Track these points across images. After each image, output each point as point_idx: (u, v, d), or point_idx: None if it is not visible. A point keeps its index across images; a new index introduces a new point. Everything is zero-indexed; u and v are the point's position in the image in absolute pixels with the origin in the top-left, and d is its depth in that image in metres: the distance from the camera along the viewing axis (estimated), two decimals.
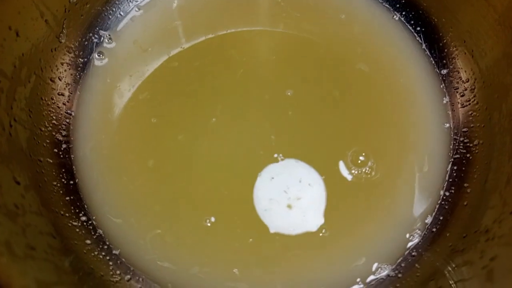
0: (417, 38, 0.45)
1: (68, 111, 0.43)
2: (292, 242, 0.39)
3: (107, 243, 0.39)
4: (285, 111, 0.42)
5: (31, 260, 0.29)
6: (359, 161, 0.41)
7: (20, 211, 0.31)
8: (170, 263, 0.38)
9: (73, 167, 0.41)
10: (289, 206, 0.40)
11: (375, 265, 0.38)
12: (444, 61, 0.43)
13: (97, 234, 0.39)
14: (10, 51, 0.36)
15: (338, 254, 0.39)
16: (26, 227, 0.31)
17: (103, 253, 0.38)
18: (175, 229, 0.39)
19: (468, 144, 0.40)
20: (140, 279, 0.38)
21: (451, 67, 0.43)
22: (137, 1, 0.47)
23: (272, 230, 0.39)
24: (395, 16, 0.46)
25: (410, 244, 0.38)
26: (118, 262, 0.38)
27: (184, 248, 0.39)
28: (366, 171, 0.41)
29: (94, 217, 0.40)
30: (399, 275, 0.37)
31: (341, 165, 0.41)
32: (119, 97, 0.44)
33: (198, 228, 0.39)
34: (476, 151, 0.39)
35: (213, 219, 0.39)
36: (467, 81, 0.42)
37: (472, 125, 0.40)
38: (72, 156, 0.42)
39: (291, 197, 0.40)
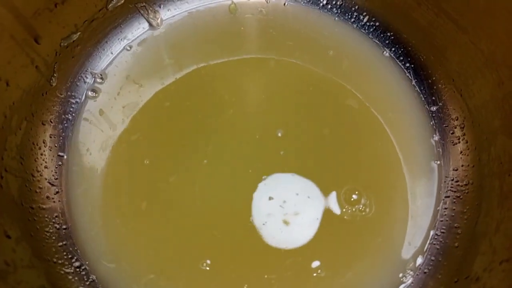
0: (407, 75, 0.45)
1: (60, 154, 0.43)
2: (288, 285, 0.39)
3: None
4: (277, 151, 0.42)
5: None
6: (352, 199, 0.41)
7: (11, 268, 0.31)
8: None
9: (65, 211, 0.41)
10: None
11: None
12: (434, 98, 0.44)
13: (90, 280, 0.39)
14: (0, 101, 0.36)
15: None
16: (17, 286, 0.31)
17: None
18: (169, 274, 0.39)
19: (458, 184, 0.40)
20: None
21: (440, 104, 0.43)
22: (129, 40, 0.48)
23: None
24: (385, 52, 0.46)
25: (402, 286, 0.39)
26: None
27: None
28: (360, 208, 0.41)
29: (87, 263, 0.40)
30: None
31: (335, 203, 0.41)
32: (111, 138, 0.44)
33: (192, 272, 0.39)
34: (467, 191, 0.39)
35: (208, 262, 0.39)
36: (457, 119, 0.42)
37: (462, 164, 0.41)
38: (64, 199, 0.42)
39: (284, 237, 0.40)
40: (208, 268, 0.39)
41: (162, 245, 0.40)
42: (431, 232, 0.40)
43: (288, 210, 0.41)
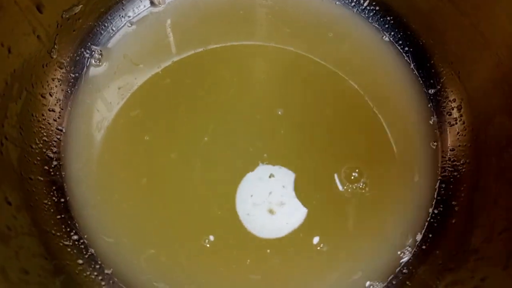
0: (406, 58, 0.46)
1: (59, 127, 0.42)
2: (290, 260, 0.39)
3: (99, 262, 0.38)
4: (277, 130, 0.43)
5: (25, 285, 0.28)
6: (352, 177, 0.42)
7: (12, 233, 0.31)
8: (165, 283, 0.38)
9: (64, 184, 0.41)
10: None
11: (367, 283, 0.39)
12: (432, 81, 0.45)
13: (89, 253, 0.39)
14: (2, 68, 0.35)
15: (336, 268, 0.39)
16: (19, 250, 0.30)
17: (95, 273, 0.38)
18: (170, 249, 0.39)
19: (455, 163, 0.41)
20: None
21: (438, 87, 0.44)
22: (130, 17, 0.47)
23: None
24: (384, 37, 0.47)
25: (401, 261, 0.39)
26: (111, 282, 0.38)
27: (180, 268, 0.38)
28: (360, 186, 0.41)
29: (85, 236, 0.39)
30: None
31: (335, 181, 0.41)
32: (110, 113, 0.43)
33: (194, 248, 0.39)
34: (463, 170, 0.40)
35: (211, 238, 0.39)
36: (454, 101, 0.43)
37: (459, 144, 0.42)
38: (63, 173, 0.41)
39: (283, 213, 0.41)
40: (208, 245, 0.39)
41: (163, 221, 0.40)
42: (429, 210, 0.41)
43: (288, 190, 0.41)
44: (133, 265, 0.38)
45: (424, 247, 0.39)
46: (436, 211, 0.41)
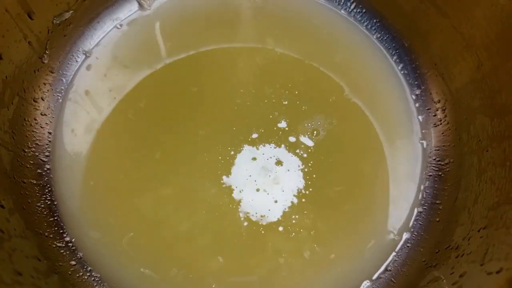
0: (393, 59, 0.47)
1: (51, 131, 0.43)
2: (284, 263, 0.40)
3: (87, 263, 0.39)
4: (267, 128, 0.44)
5: (19, 286, 0.29)
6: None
7: (5, 235, 0.32)
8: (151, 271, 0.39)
9: (55, 187, 0.41)
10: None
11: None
12: (417, 82, 0.46)
13: (80, 255, 0.39)
14: None
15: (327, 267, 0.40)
16: (12, 252, 0.31)
17: (88, 274, 0.39)
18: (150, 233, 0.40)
19: (439, 163, 0.42)
20: None
21: (423, 88, 0.45)
22: (119, 20, 0.48)
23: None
24: (371, 38, 0.48)
25: (386, 259, 0.40)
26: (103, 283, 0.39)
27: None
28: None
29: (74, 238, 0.40)
30: None
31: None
32: (101, 115, 0.44)
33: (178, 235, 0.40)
34: (447, 169, 0.41)
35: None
36: (438, 102, 0.44)
37: (443, 145, 0.43)
38: (53, 176, 0.42)
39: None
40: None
41: (150, 224, 0.41)
42: (415, 210, 0.42)
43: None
44: (118, 255, 0.39)
45: (409, 245, 0.40)
46: (421, 210, 0.42)
